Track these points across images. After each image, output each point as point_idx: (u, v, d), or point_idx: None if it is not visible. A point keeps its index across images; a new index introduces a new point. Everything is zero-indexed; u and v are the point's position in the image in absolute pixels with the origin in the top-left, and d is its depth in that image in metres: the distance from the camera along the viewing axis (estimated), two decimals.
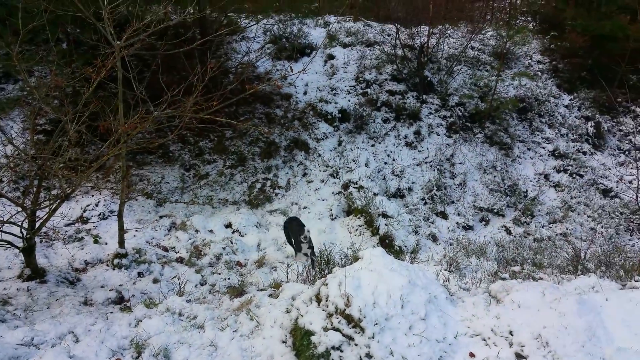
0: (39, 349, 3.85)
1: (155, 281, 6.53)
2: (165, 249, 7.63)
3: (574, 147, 11.53)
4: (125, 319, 4.62)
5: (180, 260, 7.33)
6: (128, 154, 9.32)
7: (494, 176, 10.55)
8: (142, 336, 4.22)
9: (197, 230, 8.16)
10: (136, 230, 7.77)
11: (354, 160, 10.57)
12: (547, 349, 3.79)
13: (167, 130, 7.73)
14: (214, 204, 9.12)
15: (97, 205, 8.26)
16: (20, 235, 5.62)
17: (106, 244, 7.33)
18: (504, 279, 5.39)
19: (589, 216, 9.79)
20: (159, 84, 6.29)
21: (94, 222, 7.89)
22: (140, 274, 6.64)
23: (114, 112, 6.10)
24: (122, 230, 6.81)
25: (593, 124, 12.04)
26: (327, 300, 4.33)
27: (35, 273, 5.87)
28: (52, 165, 5.63)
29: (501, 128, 11.70)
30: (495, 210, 9.77)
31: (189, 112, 6.15)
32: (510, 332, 3.99)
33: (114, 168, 8.88)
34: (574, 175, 10.80)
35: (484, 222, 9.63)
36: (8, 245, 5.57)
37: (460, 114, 11.86)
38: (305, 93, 12.01)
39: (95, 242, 7.34)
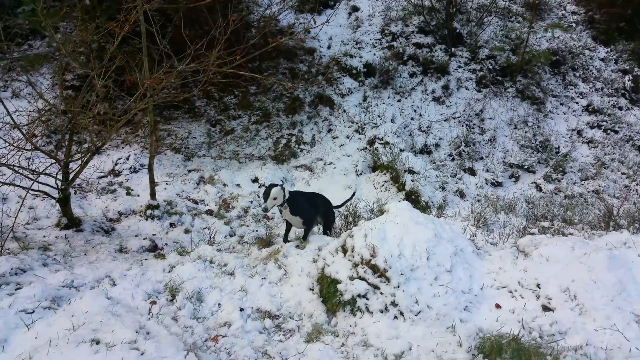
0: (78, 291, 4.04)
1: (186, 231, 6.71)
2: (195, 202, 7.80)
3: (609, 102, 11.10)
4: (159, 265, 4.78)
5: (209, 212, 7.50)
6: (155, 109, 9.42)
7: (525, 132, 10.30)
8: (175, 281, 4.37)
9: (224, 184, 8.29)
10: (166, 184, 7.93)
11: (379, 116, 10.43)
12: (574, 302, 3.77)
13: (192, 85, 7.77)
14: (240, 159, 9.20)
15: (127, 159, 8.43)
16: (56, 186, 5.80)
17: (138, 196, 7.53)
18: (532, 234, 5.35)
19: (623, 173, 9.53)
20: (182, 38, 6.26)
21: (125, 175, 8.08)
22: (172, 225, 6.84)
23: (139, 66, 6.13)
24: (153, 183, 6.98)
25: (631, 78, 11.53)
26: (352, 251, 4.39)
27: (71, 222, 6.10)
28: (82, 120, 5.74)
29: (533, 82, 11.32)
30: (525, 167, 9.59)
31: (212, 67, 6.13)
32: (538, 285, 3.98)
33: (143, 123, 9.01)
34: (609, 131, 10.45)
35: (513, 179, 9.48)
36: (45, 196, 5.77)
37: (490, 67, 11.50)
38: (329, 47, 11.78)
39: (128, 194, 7.54)
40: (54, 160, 5.73)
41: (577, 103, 11.18)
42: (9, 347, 3.05)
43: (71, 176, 5.95)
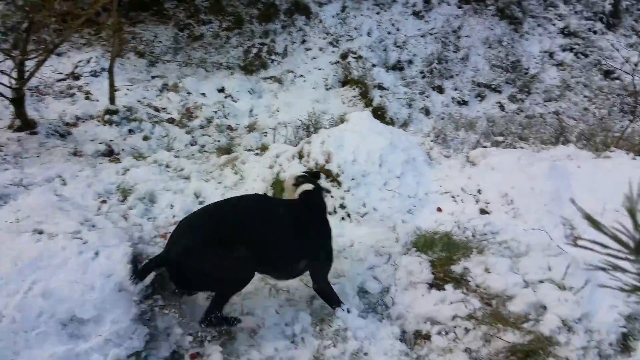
0: (27, 189, 4.06)
1: (145, 138, 6.65)
2: (157, 109, 7.68)
3: (585, 26, 11.01)
4: (113, 167, 4.79)
5: (171, 120, 7.41)
6: (120, 9, 8.97)
7: (499, 51, 10.24)
8: (128, 182, 4.42)
9: (189, 93, 8.15)
10: (127, 89, 7.74)
11: (356, 29, 10.18)
12: (510, 206, 4.01)
13: None
14: (208, 67, 8.97)
15: (88, 61, 8.14)
16: (9, 85, 5.63)
17: (97, 100, 7.36)
18: (484, 147, 5.51)
19: (585, 96, 9.68)
20: None
21: (85, 79, 7.84)
22: (130, 131, 6.74)
23: None
24: (112, 87, 6.81)
25: (612, 2, 11.37)
26: (308, 157, 4.49)
27: (25, 124, 5.97)
28: (41, 16, 5.47)
29: (514, 1, 11.08)
30: (492, 86, 9.64)
31: None
32: (479, 191, 4.18)
33: (107, 23, 8.61)
34: (579, 55, 10.46)
35: (479, 98, 9.56)
36: None
37: None
38: None
39: (87, 98, 7.37)
40: (7, 57, 5.51)
41: (554, 25, 11.06)
42: None
43: (26, 75, 5.76)
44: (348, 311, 2.87)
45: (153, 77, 8.36)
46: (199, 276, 2.65)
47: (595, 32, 11.05)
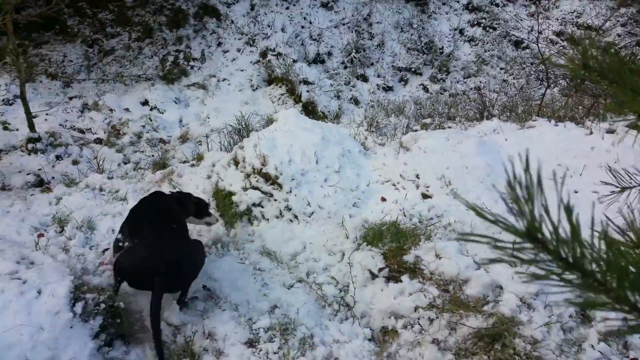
0: None
1: (74, 163, 6.35)
2: (81, 131, 7.31)
3: (487, 0, 11.60)
4: (45, 198, 4.55)
5: (98, 141, 7.08)
6: (20, 31, 8.40)
7: (411, 34, 10.57)
8: (64, 212, 4.20)
9: (111, 110, 7.80)
10: (46, 114, 7.30)
11: (269, 26, 10.14)
12: (449, 187, 4.18)
13: (59, 0, 6.99)
14: (126, 80, 8.62)
15: None
16: None
17: (17, 130, 6.90)
18: (415, 130, 5.70)
19: (501, 68, 10.24)
20: None
21: None
22: (58, 157, 6.42)
23: None
24: (29, 114, 6.40)
25: None
26: (244, 162, 4.45)
27: None
28: None
29: None
30: (413, 70, 9.96)
31: None
32: (417, 176, 4.33)
33: (9, 48, 8.04)
34: (487, 29, 11.01)
35: (402, 82, 9.84)
36: None
37: None
38: None
39: (5, 128, 6.88)
40: None
41: (458, 2, 11.55)
42: None
43: None
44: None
45: (71, 98, 7.93)
46: None
47: (497, 5, 11.66)
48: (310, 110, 8.55)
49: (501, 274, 2.96)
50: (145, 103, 8.22)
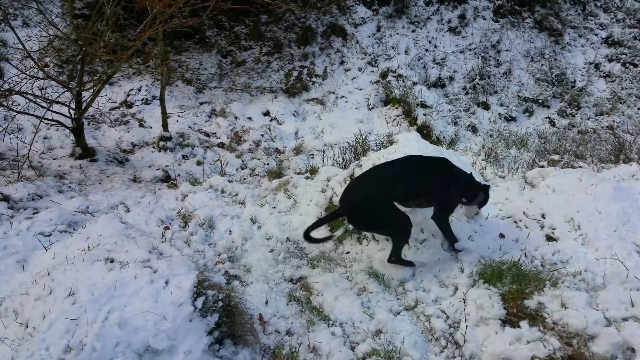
0: (93, 216, 4.19)
1: (198, 163, 6.83)
2: (207, 134, 7.86)
3: (630, 34, 10.63)
4: (172, 193, 4.92)
5: (221, 145, 7.57)
6: (165, 39, 9.28)
7: (542, 65, 10.00)
8: (188, 208, 4.51)
9: (236, 117, 8.30)
10: (178, 116, 7.97)
11: (393, 47, 10.17)
12: (578, 232, 3.84)
13: (202, 14, 7.62)
14: (252, 91, 9.13)
15: (139, 90, 8.42)
16: (69, 115, 5.87)
17: (151, 127, 7.61)
18: (541, 166, 5.35)
19: (639, 109, 9.32)
20: None
21: (137, 107, 8.11)
22: (184, 157, 6.95)
23: None
24: (165, 114, 7.02)
25: None
26: None
27: (85, 152, 6.22)
28: (93, 48, 5.71)
29: (552, 12, 10.83)
30: (540, 101, 9.40)
31: None
32: (543, 215, 4.04)
33: (154, 52, 8.92)
34: (627, 65, 10.09)
35: (527, 113, 9.33)
36: (59, 125, 5.86)
37: None
38: None
39: (141, 125, 7.61)
40: (66, 89, 5.76)
41: (596, 35, 10.74)
42: (29, 266, 3.24)
43: (84, 105, 6.00)
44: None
45: (201, 104, 8.57)
46: (374, 221, 3.35)
47: None
48: (425, 134, 8.40)
49: (635, 335, 2.65)
50: (266, 114, 8.64)
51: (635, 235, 3.90)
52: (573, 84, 9.74)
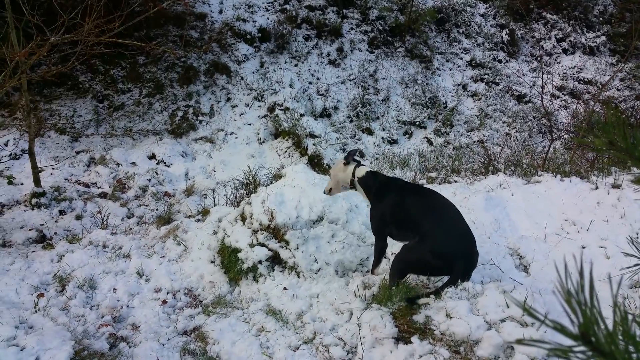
0: None
1: (78, 217, 6.33)
2: (87, 185, 7.35)
3: (489, 56, 11.88)
4: (47, 255, 4.50)
5: (103, 195, 7.11)
6: (33, 87, 8.66)
7: (416, 89, 10.77)
8: (65, 270, 4.14)
9: (118, 164, 7.87)
10: (52, 168, 7.37)
11: (278, 82, 10.38)
12: None
13: (74, 59, 7.23)
14: (134, 135, 8.75)
15: (6, 144, 7.70)
16: None
17: (22, 184, 6.95)
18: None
19: (504, 122, 10.34)
20: (53, 7, 5.78)
21: (4, 163, 7.39)
22: (62, 212, 6.41)
23: (6, 40, 5.58)
24: (35, 169, 6.45)
25: (507, 32, 12.39)
26: (251, 218, 4.41)
27: None
28: None
29: (421, 41, 11.79)
30: (417, 123, 10.08)
31: (91, 36, 5.74)
32: None
33: (20, 103, 8.25)
34: (490, 84, 11.22)
35: (407, 135, 9.93)
36: None
37: (380, 28, 11.78)
38: (220, 12, 11.39)
39: (10, 183, 6.92)
40: None
41: (461, 59, 11.84)
42: None
43: None
44: None
45: (78, 153, 8.03)
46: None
47: (500, 61, 11.94)
48: (316, 163, 8.61)
49: (512, 334, 2.85)
50: (152, 157, 8.31)
51: (507, 239, 4.26)
52: (445, 105, 10.57)
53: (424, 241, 3.17)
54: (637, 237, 4.29)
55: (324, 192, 4.04)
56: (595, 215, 4.50)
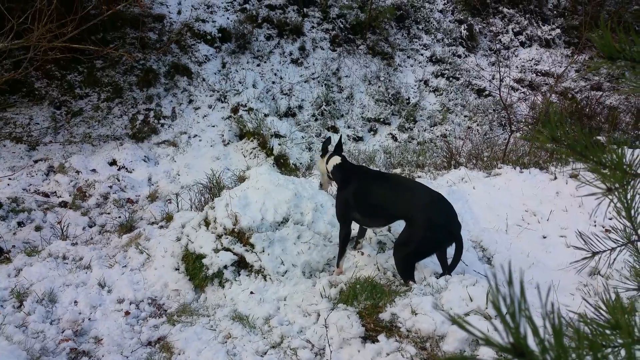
0: None
1: (37, 229, 6.11)
2: (46, 195, 7.11)
3: (449, 52, 12.06)
4: (4, 270, 4.33)
5: (63, 204, 6.89)
6: None
7: (379, 86, 10.84)
8: (23, 284, 3.99)
9: (78, 172, 7.63)
10: (9, 179, 7.10)
11: (240, 82, 10.27)
12: None
13: (28, 65, 6.98)
14: (94, 141, 8.51)
15: None
16: None
17: None
18: None
19: (465, 116, 10.53)
20: (1, 12, 5.56)
21: None
22: (20, 224, 6.19)
23: None
24: None
25: (466, 27, 12.61)
26: (215, 223, 4.35)
27: None
28: None
29: (382, 38, 11.88)
30: (381, 120, 10.15)
31: (42, 42, 5.56)
32: (389, 228, 4.29)
33: None
34: (451, 79, 11.39)
35: (372, 132, 10.00)
36: None
37: (342, 26, 11.80)
38: (179, 12, 11.18)
39: None
40: None
41: (422, 55, 11.98)
42: None
43: None
44: None
45: (36, 162, 7.75)
46: None
47: (459, 56, 12.14)
48: (282, 163, 8.56)
49: (477, 326, 2.90)
50: (113, 163, 8.10)
51: (470, 232, 4.33)
52: (408, 101, 10.68)
53: (412, 224, 3.24)
54: (595, 225, 4.44)
55: (319, 188, 4.33)
56: (554, 205, 4.62)
